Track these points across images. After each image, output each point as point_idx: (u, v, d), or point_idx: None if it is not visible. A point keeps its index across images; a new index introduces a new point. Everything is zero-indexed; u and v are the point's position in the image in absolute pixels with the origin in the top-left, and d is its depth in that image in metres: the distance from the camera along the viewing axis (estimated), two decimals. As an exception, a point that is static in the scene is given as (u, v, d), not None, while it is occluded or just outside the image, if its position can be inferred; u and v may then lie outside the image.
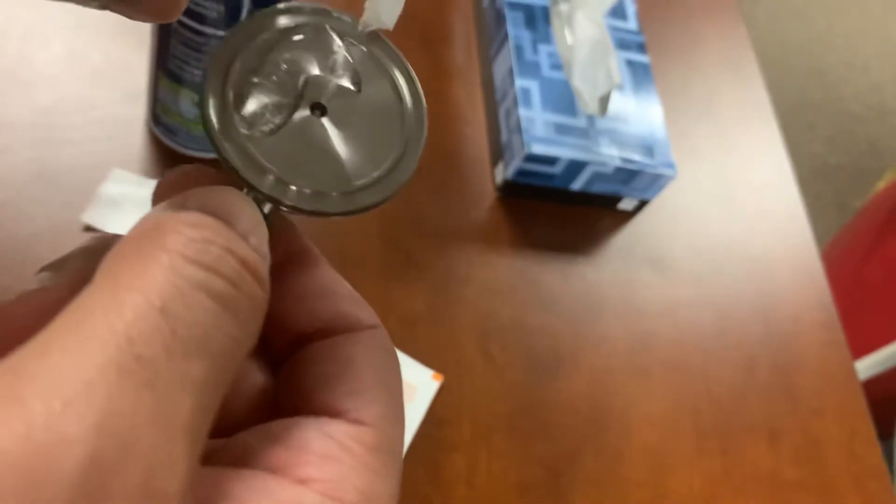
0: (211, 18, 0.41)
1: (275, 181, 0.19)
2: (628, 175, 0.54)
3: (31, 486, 0.12)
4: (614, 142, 0.54)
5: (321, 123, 0.20)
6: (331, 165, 0.20)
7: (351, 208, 0.20)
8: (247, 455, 0.18)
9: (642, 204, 0.57)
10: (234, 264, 0.16)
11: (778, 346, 0.55)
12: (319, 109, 0.21)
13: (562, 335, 0.51)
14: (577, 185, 0.54)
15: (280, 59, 0.20)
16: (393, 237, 0.51)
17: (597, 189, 0.55)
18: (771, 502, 0.49)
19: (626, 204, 0.57)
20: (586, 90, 0.54)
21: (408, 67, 0.22)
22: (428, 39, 0.61)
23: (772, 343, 0.55)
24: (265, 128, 0.20)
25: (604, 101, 0.54)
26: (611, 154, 0.53)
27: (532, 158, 0.52)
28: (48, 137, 0.48)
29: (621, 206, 0.57)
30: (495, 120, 0.57)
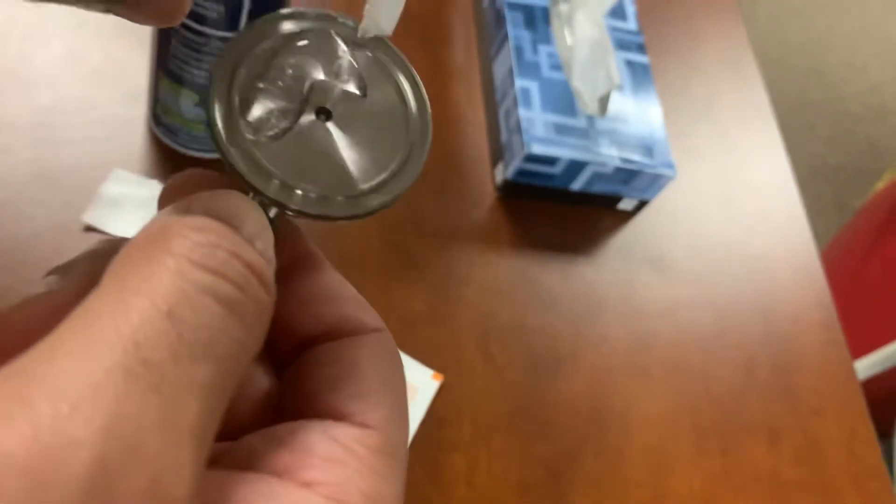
0: (211, 19, 0.41)
1: (280, 185, 0.19)
2: (628, 175, 0.54)
3: (39, 489, 0.12)
4: (614, 142, 0.54)
5: (326, 128, 0.21)
6: (336, 170, 0.20)
7: (356, 212, 0.20)
8: (252, 458, 0.18)
9: (642, 204, 0.57)
10: (241, 268, 0.16)
11: (778, 346, 0.55)
12: (324, 114, 0.21)
13: (562, 335, 0.51)
14: (577, 186, 0.54)
15: (285, 65, 0.20)
16: (393, 237, 0.51)
17: (597, 189, 0.55)
18: (771, 502, 0.49)
19: (626, 204, 0.57)
20: (586, 90, 0.54)
21: (412, 72, 0.22)
22: (428, 40, 0.61)
23: (771, 343, 0.55)
24: (271, 133, 0.20)
25: (603, 102, 0.54)
26: (610, 154, 0.53)
27: (532, 158, 0.52)
28: (48, 137, 0.48)
29: (621, 207, 0.57)
30: (495, 120, 0.57)
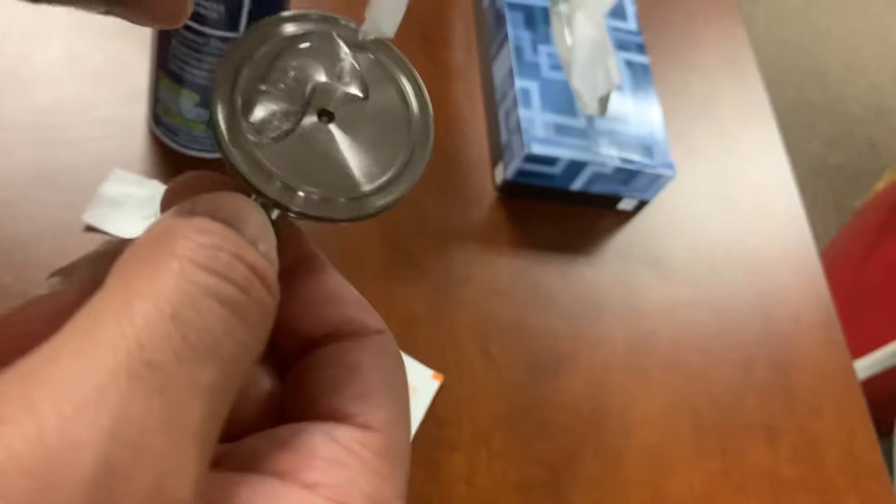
0: (211, 19, 0.41)
1: (282, 187, 0.19)
2: (628, 175, 0.54)
3: (44, 491, 0.12)
4: (614, 142, 0.54)
5: (328, 130, 0.21)
6: (338, 171, 0.20)
7: (358, 214, 0.20)
8: (254, 460, 0.18)
9: (642, 204, 0.57)
10: (244, 270, 0.16)
11: (777, 346, 0.55)
12: (327, 116, 0.21)
13: (561, 335, 0.51)
14: (577, 186, 0.54)
15: (288, 67, 0.21)
16: (393, 237, 0.52)
17: (596, 189, 0.55)
18: (770, 502, 0.49)
19: (626, 204, 0.57)
20: (586, 91, 0.54)
21: (414, 74, 0.22)
22: (428, 40, 0.61)
23: (771, 343, 0.55)
24: (273, 135, 0.20)
25: (603, 102, 0.55)
26: (610, 154, 0.53)
27: (532, 159, 0.52)
28: (48, 137, 0.48)
29: (621, 207, 0.57)
30: (495, 120, 0.57)
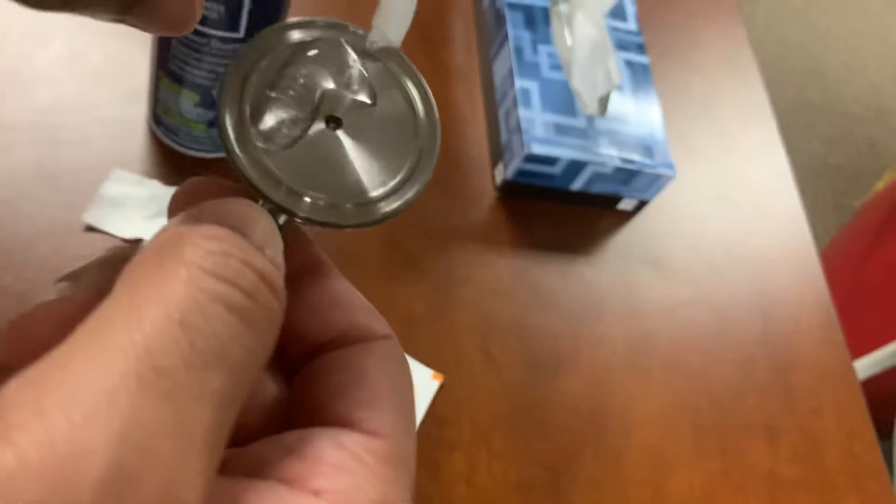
0: (211, 19, 0.41)
1: (289, 193, 0.19)
2: (628, 175, 0.54)
3: (54, 496, 0.12)
4: (614, 142, 0.54)
5: (336, 136, 0.21)
6: (345, 177, 0.20)
7: (365, 220, 0.20)
8: (261, 465, 0.18)
9: (642, 204, 0.57)
10: (252, 276, 0.16)
11: (777, 346, 0.55)
12: (335, 122, 0.21)
13: (561, 335, 0.51)
14: (577, 186, 0.54)
15: (296, 74, 0.21)
16: (393, 237, 0.52)
17: (596, 189, 0.55)
18: (770, 502, 0.49)
19: (626, 204, 0.57)
20: (586, 91, 0.54)
21: (421, 79, 0.22)
22: (428, 40, 0.61)
23: (771, 343, 0.55)
24: (282, 142, 0.20)
25: (603, 102, 0.55)
26: (610, 154, 0.53)
27: (532, 159, 0.52)
28: (48, 137, 0.48)
29: (621, 207, 0.57)
30: (495, 120, 0.57)
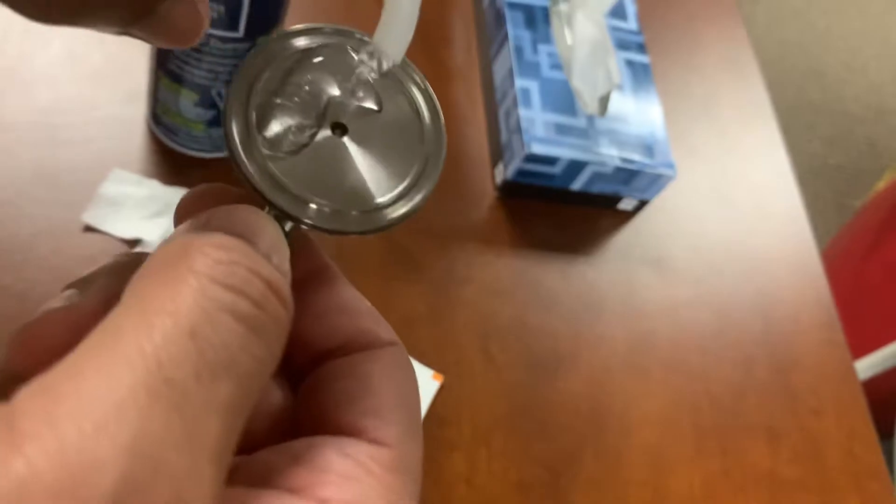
0: (211, 19, 0.41)
1: (295, 199, 0.19)
2: (628, 175, 0.54)
3: None
4: (614, 142, 0.54)
5: (342, 143, 0.21)
6: (351, 184, 0.20)
7: (371, 227, 0.20)
8: (268, 474, 0.18)
9: (642, 204, 0.57)
10: (260, 286, 0.16)
11: (777, 346, 0.55)
12: (340, 129, 0.21)
13: (562, 335, 0.51)
14: (577, 186, 0.54)
15: (303, 81, 0.21)
16: (393, 237, 0.51)
17: (597, 189, 0.55)
18: (770, 502, 0.49)
19: (626, 204, 0.57)
20: (586, 90, 0.54)
21: (426, 85, 0.22)
22: (428, 40, 0.61)
23: (771, 343, 0.55)
24: (288, 148, 0.20)
25: (603, 101, 0.54)
26: (610, 154, 0.53)
27: (532, 158, 0.52)
28: (48, 137, 0.48)
29: (621, 207, 0.57)
30: (495, 120, 0.57)
